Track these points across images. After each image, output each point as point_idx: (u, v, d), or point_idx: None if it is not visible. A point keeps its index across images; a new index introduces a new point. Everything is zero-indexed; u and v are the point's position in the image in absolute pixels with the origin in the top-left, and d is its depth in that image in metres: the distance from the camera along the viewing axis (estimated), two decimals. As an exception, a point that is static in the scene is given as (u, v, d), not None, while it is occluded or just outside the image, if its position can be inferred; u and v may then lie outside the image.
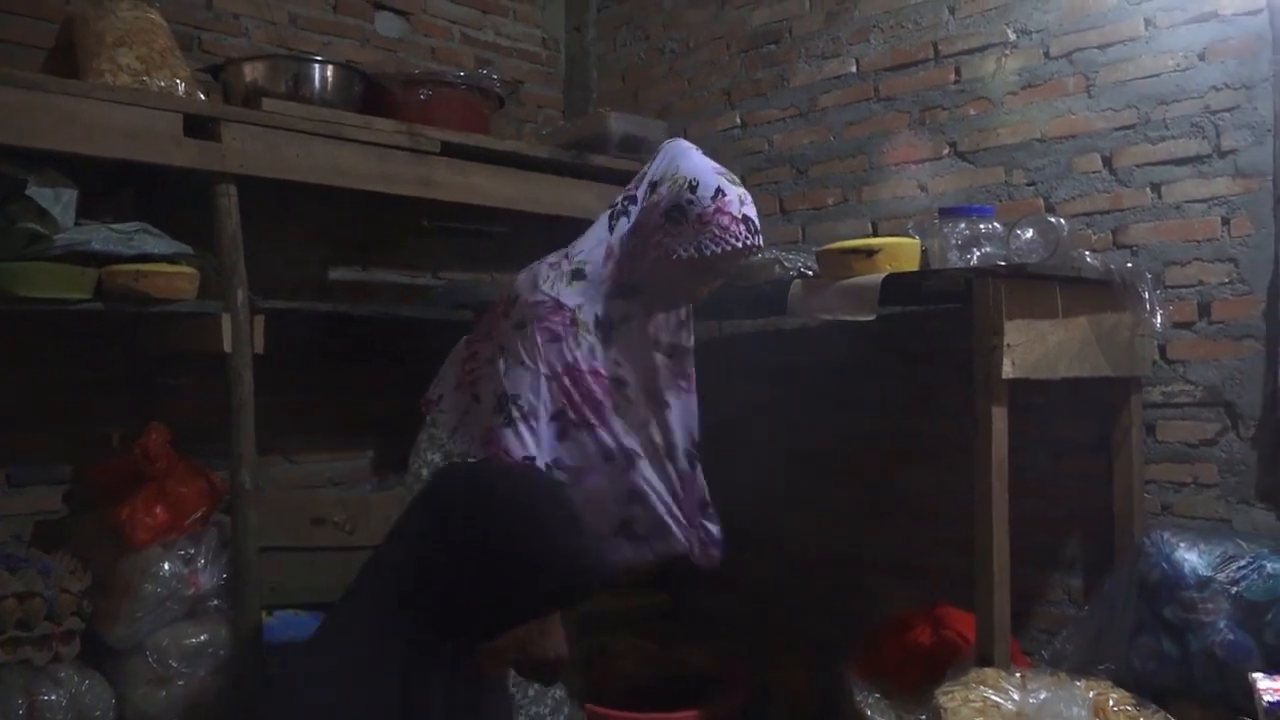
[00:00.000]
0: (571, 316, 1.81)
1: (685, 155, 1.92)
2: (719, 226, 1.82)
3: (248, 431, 2.42)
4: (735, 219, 1.84)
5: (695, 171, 1.87)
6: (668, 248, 1.85)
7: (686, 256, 1.84)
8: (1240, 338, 2.35)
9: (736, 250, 1.85)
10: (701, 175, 1.86)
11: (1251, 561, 2.07)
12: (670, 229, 1.85)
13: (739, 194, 1.89)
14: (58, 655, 2.22)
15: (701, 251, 1.83)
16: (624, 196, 1.94)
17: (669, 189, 1.86)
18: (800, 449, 3.15)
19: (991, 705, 1.80)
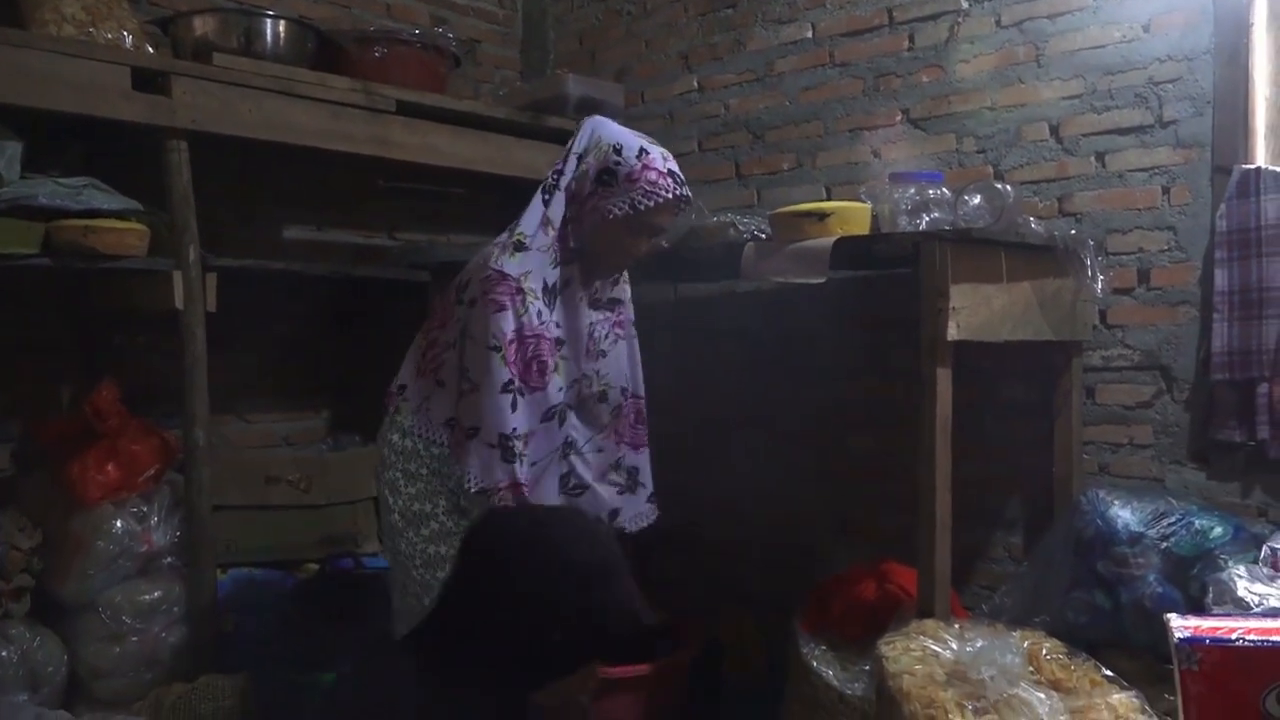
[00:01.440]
0: (516, 285, 1.91)
1: (604, 125, 2.04)
2: (647, 182, 1.94)
3: (201, 390, 2.41)
4: (661, 173, 1.96)
5: (617, 137, 2.00)
6: (603, 210, 1.96)
7: (621, 214, 1.95)
8: (1177, 304, 2.43)
9: (667, 201, 1.97)
10: (624, 139, 1.99)
11: (1181, 518, 2.16)
12: (602, 192, 1.96)
13: (661, 152, 2.00)
14: (8, 612, 2.21)
15: (635, 207, 1.94)
16: (552, 171, 2.05)
17: (595, 156, 1.99)
18: (751, 412, 3.20)
19: (930, 654, 1.86)
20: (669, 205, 1.98)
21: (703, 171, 3.31)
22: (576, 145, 2.04)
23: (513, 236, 1.99)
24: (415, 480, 1.98)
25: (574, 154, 2.03)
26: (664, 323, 3.40)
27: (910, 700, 1.75)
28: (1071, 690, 1.84)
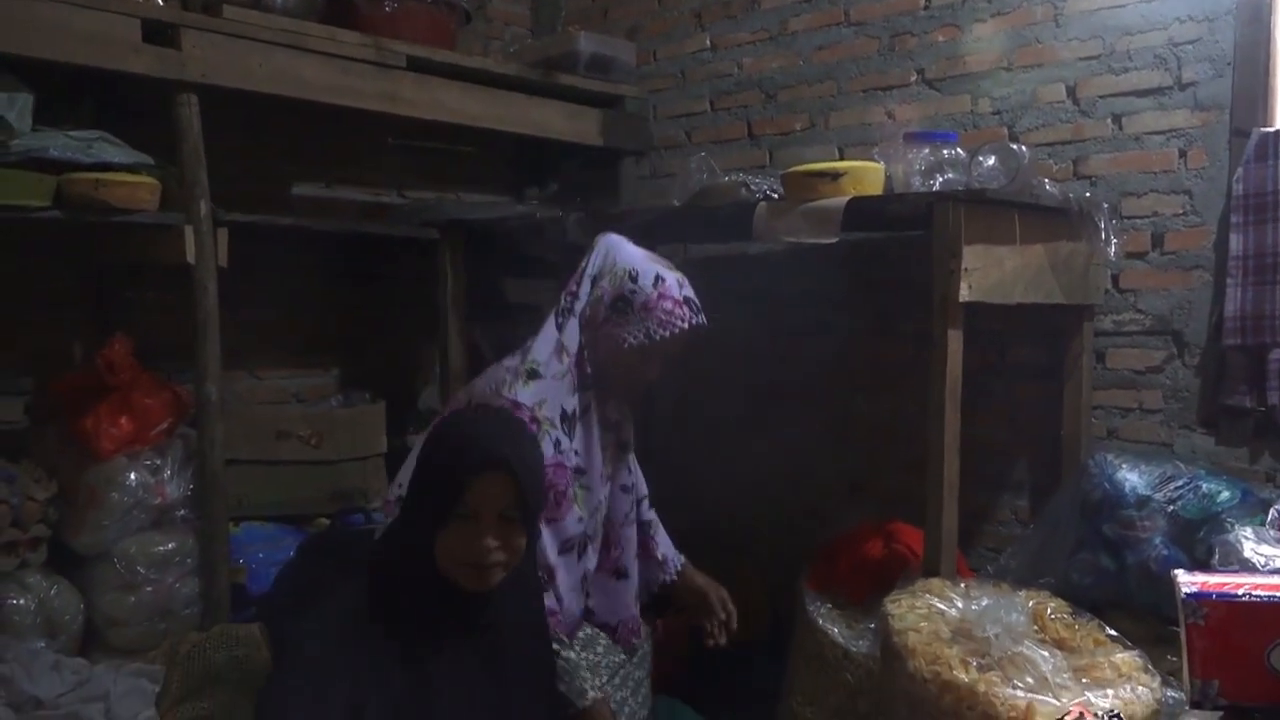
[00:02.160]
0: (531, 415, 1.84)
1: (620, 248, 1.99)
2: (663, 311, 1.90)
3: (213, 344, 2.42)
4: (677, 302, 1.92)
5: (632, 262, 1.95)
6: (618, 337, 1.90)
7: (637, 343, 1.91)
8: (1190, 268, 2.42)
9: (683, 331, 1.93)
10: (639, 265, 1.93)
11: (1189, 482, 2.17)
12: (617, 320, 1.92)
13: (676, 278, 1.96)
14: (25, 561, 2.24)
15: (650, 337, 1.90)
16: (566, 294, 1.99)
17: (609, 282, 1.94)
18: (761, 374, 3.20)
19: (936, 612, 1.88)
20: (685, 335, 1.94)
21: (714, 132, 3.29)
22: (590, 267, 1.98)
23: (525, 363, 1.92)
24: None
25: (588, 276, 1.97)
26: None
27: (915, 656, 1.77)
28: (1075, 649, 1.86)
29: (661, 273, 1.93)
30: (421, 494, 1.47)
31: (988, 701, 1.66)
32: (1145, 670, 1.77)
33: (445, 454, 1.47)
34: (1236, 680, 1.01)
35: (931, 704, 1.72)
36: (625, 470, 2.08)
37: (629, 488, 2.08)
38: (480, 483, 1.42)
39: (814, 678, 2.29)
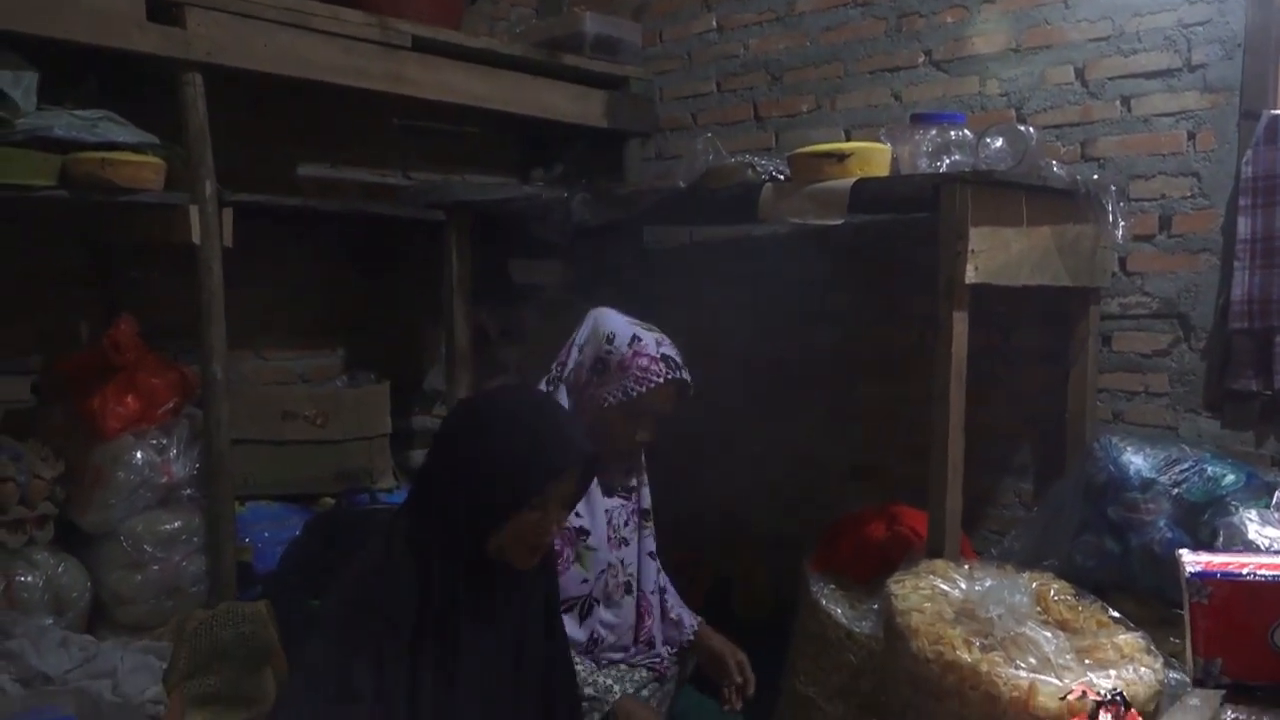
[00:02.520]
0: None
1: (605, 316, 2.02)
2: (639, 368, 1.91)
3: (218, 324, 2.43)
4: (654, 359, 1.93)
5: (611, 326, 1.97)
6: (599, 398, 1.93)
7: (616, 402, 1.91)
8: (1198, 251, 2.41)
9: (659, 386, 1.92)
10: (617, 328, 1.96)
11: (1194, 465, 2.16)
12: (597, 381, 1.94)
13: (655, 338, 1.97)
14: (32, 539, 2.25)
15: (628, 394, 1.91)
16: (556, 363, 2.02)
17: (591, 347, 1.98)
18: (765, 357, 3.20)
19: (939, 593, 1.88)
20: (664, 390, 1.94)
21: (720, 113, 3.28)
22: (579, 337, 2.01)
23: None
24: None
25: (576, 345, 2.00)
26: (677, 267, 3.40)
27: (918, 636, 1.77)
28: (1078, 630, 1.87)
29: (639, 333, 1.95)
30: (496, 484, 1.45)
31: (990, 681, 1.66)
32: (1148, 652, 1.78)
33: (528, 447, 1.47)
34: (1240, 659, 1.01)
35: (934, 683, 1.73)
36: (650, 537, 2.08)
37: (653, 554, 2.09)
38: (567, 477, 1.50)
39: (817, 658, 2.29)
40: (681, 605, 2.17)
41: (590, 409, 1.93)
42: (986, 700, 1.66)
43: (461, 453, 1.48)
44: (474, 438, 1.48)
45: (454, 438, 1.52)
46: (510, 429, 1.49)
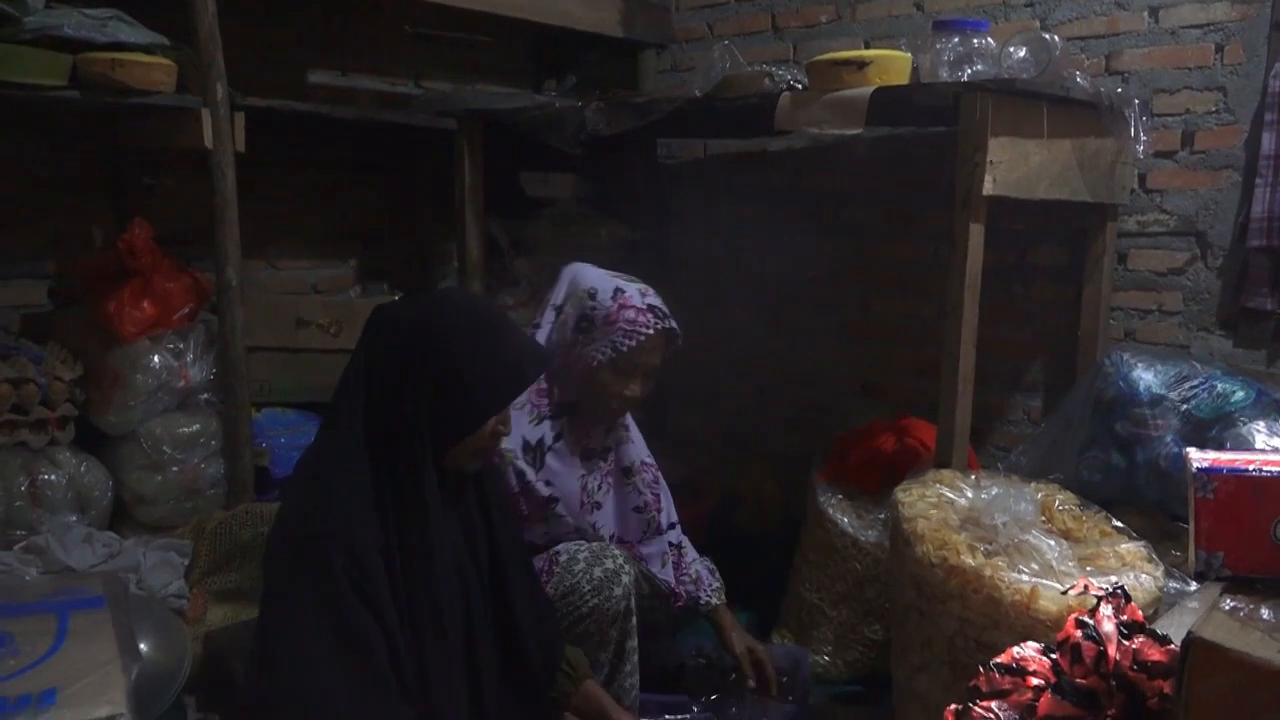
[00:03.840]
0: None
1: (582, 272, 1.95)
2: (626, 321, 1.85)
3: (232, 229, 2.42)
4: (640, 310, 1.86)
5: (591, 281, 1.90)
6: (587, 358, 1.87)
7: (606, 359, 1.85)
8: (1219, 168, 2.38)
9: (650, 338, 1.86)
10: (598, 283, 1.89)
11: (1204, 381, 2.17)
12: (583, 340, 1.88)
13: (638, 289, 1.90)
14: (54, 439, 2.29)
15: (618, 349, 1.85)
16: (530, 326, 1.94)
17: (571, 305, 1.91)
18: (778, 273, 3.19)
19: (946, 501, 1.91)
20: (654, 341, 1.88)
21: (737, 23, 3.22)
22: (555, 297, 1.95)
23: None
24: None
25: (551, 306, 1.94)
26: (692, 182, 3.38)
27: (924, 542, 1.81)
28: (1081, 539, 1.90)
29: (621, 285, 1.89)
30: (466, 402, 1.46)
31: (993, 585, 1.70)
32: (1149, 560, 1.81)
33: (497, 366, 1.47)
34: (1240, 552, 1.03)
35: (938, 587, 1.77)
36: (634, 493, 2.05)
37: (642, 508, 2.05)
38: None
39: (822, 566, 2.34)
40: (704, 566, 2.14)
41: (578, 370, 1.88)
42: (988, 603, 1.70)
43: (426, 370, 1.45)
44: (438, 356, 1.45)
45: (414, 353, 1.46)
46: (476, 348, 1.47)
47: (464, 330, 1.48)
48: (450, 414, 1.46)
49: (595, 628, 1.85)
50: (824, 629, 2.32)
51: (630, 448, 2.06)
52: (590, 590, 1.82)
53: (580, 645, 1.83)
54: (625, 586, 1.86)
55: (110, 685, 1.15)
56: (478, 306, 1.60)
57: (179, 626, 2.02)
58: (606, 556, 1.87)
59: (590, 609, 1.83)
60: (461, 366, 1.46)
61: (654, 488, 2.08)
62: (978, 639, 1.72)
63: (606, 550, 1.89)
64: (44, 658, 1.18)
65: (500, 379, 1.49)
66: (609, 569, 1.84)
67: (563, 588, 1.84)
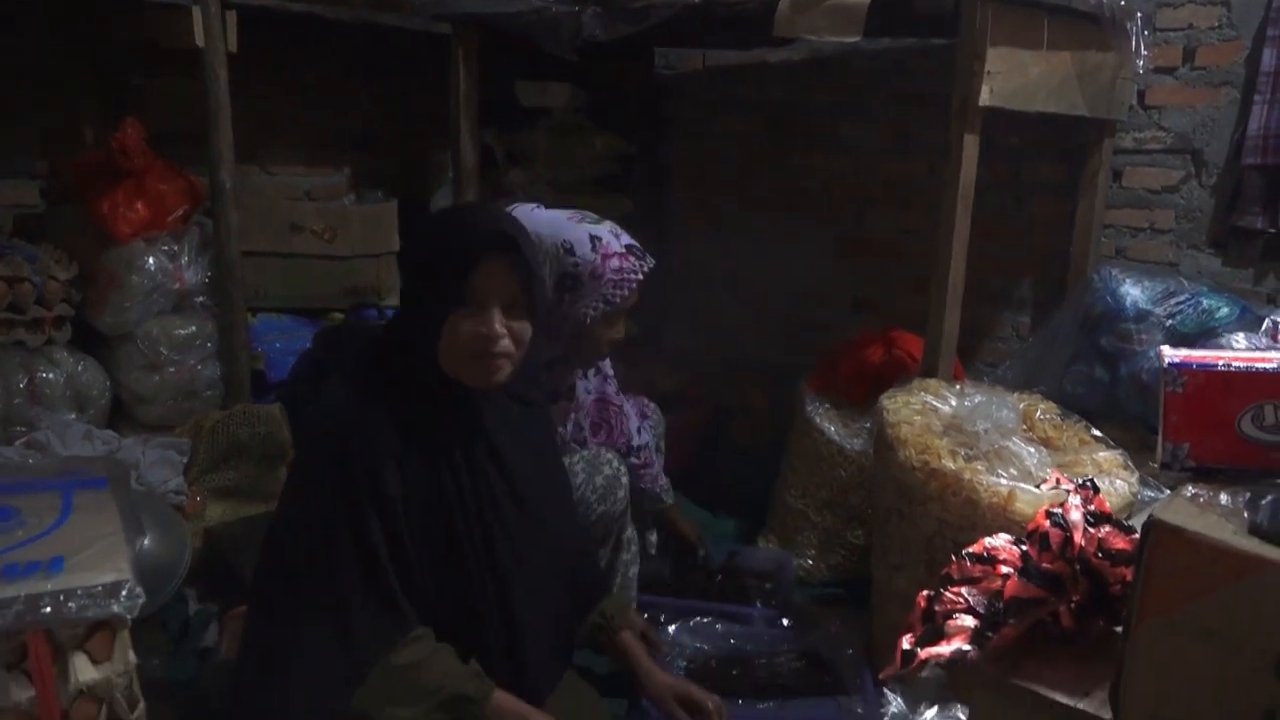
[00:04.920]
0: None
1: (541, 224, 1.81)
2: (613, 272, 1.79)
3: (225, 131, 2.41)
4: (623, 255, 1.81)
5: (560, 232, 1.80)
6: (578, 316, 1.79)
7: (598, 314, 1.80)
8: (1219, 84, 2.37)
9: (639, 282, 1.82)
10: (569, 234, 1.79)
11: (1190, 298, 2.20)
12: (570, 299, 1.80)
13: (609, 228, 1.84)
14: (51, 339, 2.32)
15: (610, 302, 1.80)
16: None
17: (548, 267, 1.80)
18: (774, 186, 3.18)
19: (930, 408, 1.95)
20: (640, 283, 1.83)
21: (739, -71, 3.14)
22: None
23: None
24: None
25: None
26: (689, 94, 3.34)
27: (906, 446, 1.85)
28: (1060, 447, 1.94)
29: (594, 231, 1.81)
30: (423, 280, 1.38)
31: (971, 488, 1.74)
32: (1125, 467, 1.86)
33: (449, 235, 1.39)
34: (1206, 444, 1.06)
35: (919, 489, 1.81)
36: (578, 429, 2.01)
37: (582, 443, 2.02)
38: (488, 265, 1.35)
39: (808, 473, 2.39)
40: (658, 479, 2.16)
41: (569, 328, 1.81)
42: (966, 505, 1.75)
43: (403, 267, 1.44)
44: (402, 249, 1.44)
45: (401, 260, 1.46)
46: (429, 227, 1.44)
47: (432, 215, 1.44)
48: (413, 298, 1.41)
49: (601, 530, 1.92)
50: (808, 534, 2.38)
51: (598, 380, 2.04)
52: (595, 499, 1.88)
53: None
54: (625, 488, 1.93)
55: (115, 554, 1.19)
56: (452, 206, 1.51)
57: (179, 521, 2.07)
58: (603, 463, 1.91)
59: (597, 516, 1.89)
60: (419, 245, 1.42)
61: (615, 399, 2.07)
62: (955, 539, 1.77)
63: (600, 456, 1.93)
64: (50, 529, 1.22)
65: (453, 245, 1.37)
66: (608, 475, 1.90)
67: None
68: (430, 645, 1.37)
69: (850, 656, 1.93)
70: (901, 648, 1.23)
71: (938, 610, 1.26)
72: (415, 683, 1.33)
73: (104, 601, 1.12)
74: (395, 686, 1.32)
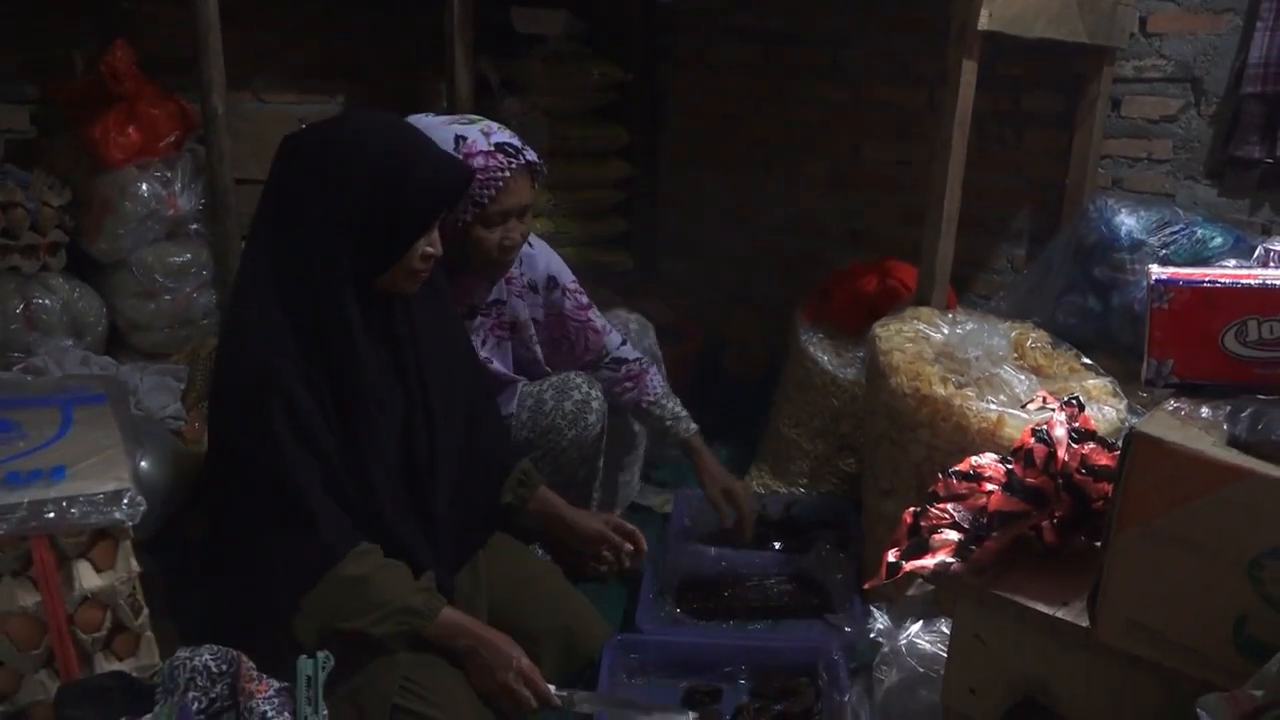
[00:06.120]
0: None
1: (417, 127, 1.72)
2: (479, 171, 1.69)
3: (216, 57, 2.37)
4: (489, 154, 1.71)
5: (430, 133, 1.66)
6: (452, 220, 1.71)
7: (471, 218, 1.73)
8: (1221, 11, 2.34)
9: (508, 180, 1.72)
10: (436, 135, 1.67)
11: (1185, 228, 2.20)
12: None
13: (480, 130, 1.74)
14: (46, 265, 2.31)
15: (480, 202, 1.72)
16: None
17: None
18: (770, 117, 3.16)
19: (922, 336, 1.97)
20: (515, 182, 1.74)
21: None
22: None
23: None
24: None
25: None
26: (687, 23, 3.30)
27: (897, 373, 1.87)
28: (1051, 375, 1.97)
29: (460, 131, 1.72)
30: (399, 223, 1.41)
31: (961, 414, 1.77)
32: (1114, 394, 1.88)
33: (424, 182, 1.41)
34: (1189, 359, 1.07)
35: (909, 415, 1.84)
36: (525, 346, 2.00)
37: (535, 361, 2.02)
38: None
39: (801, 402, 2.41)
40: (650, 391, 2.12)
41: (447, 234, 1.69)
42: (956, 431, 1.78)
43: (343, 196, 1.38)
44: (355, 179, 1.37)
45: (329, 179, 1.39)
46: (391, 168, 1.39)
47: (379, 150, 1.40)
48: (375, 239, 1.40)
49: (576, 455, 1.94)
50: (800, 462, 2.41)
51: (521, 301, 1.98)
52: (566, 424, 1.90)
53: (562, 472, 1.92)
54: (597, 413, 1.93)
55: (116, 465, 1.21)
56: (392, 125, 1.49)
57: (178, 446, 2.09)
58: (572, 387, 1.92)
59: (569, 441, 1.91)
60: (378, 189, 1.38)
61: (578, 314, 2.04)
62: (944, 465, 1.78)
63: (570, 380, 1.94)
64: (51, 441, 1.24)
65: (420, 198, 1.42)
66: (577, 400, 1.91)
67: (540, 427, 1.90)
68: (379, 560, 1.41)
69: (840, 580, 1.98)
70: (887, 560, 1.26)
71: (923, 525, 1.29)
72: (363, 595, 1.37)
73: (106, 509, 1.14)
74: (343, 598, 1.36)
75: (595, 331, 2.06)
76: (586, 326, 2.05)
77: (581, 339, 2.05)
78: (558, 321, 2.04)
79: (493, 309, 1.94)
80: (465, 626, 1.46)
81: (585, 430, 1.92)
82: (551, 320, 2.04)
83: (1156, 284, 1.06)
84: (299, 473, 1.34)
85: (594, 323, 2.06)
